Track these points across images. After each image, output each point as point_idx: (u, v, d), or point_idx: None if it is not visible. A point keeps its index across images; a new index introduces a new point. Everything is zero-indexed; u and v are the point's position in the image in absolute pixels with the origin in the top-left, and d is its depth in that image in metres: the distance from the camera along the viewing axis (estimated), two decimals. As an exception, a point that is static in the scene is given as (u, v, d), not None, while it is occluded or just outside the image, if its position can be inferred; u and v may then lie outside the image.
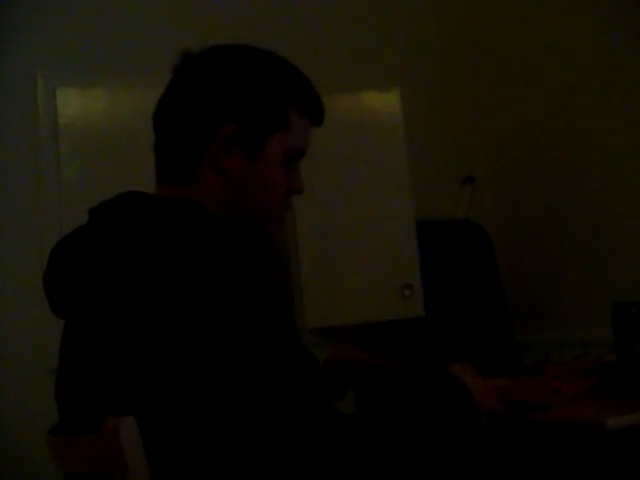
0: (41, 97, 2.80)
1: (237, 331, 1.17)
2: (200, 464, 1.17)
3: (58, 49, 2.85)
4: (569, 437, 1.63)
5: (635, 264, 2.93)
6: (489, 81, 3.59)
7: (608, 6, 3.05)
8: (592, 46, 3.12)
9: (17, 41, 2.79)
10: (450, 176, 3.53)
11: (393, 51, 3.42)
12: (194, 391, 1.17)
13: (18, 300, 2.70)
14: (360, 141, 3.10)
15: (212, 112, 1.37)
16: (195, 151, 1.38)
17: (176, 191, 1.39)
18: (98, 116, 2.88)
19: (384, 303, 3.10)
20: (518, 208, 3.53)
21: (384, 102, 3.13)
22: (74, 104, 2.84)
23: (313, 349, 1.66)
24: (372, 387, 1.90)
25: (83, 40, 2.88)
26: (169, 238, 1.25)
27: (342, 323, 3.11)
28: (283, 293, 1.24)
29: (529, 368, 2.10)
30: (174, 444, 1.17)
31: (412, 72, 3.44)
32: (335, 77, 3.17)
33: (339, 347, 1.90)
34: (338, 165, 3.06)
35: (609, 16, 3.06)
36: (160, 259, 1.23)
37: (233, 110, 1.38)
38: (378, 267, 3.11)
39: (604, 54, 3.07)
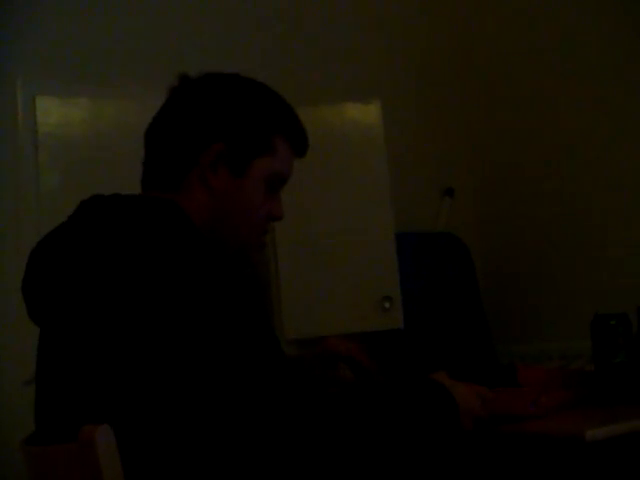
0: (21, 105, 2.77)
1: (208, 339, 1.18)
2: (175, 473, 1.17)
3: (38, 57, 2.83)
4: (547, 448, 1.63)
5: (614, 276, 2.95)
6: (470, 93, 3.60)
7: (589, 18, 3.07)
8: (574, 61, 3.14)
9: (-3, 48, 2.78)
10: (430, 188, 3.54)
11: (374, 63, 3.43)
12: (167, 399, 1.17)
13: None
14: (340, 152, 3.10)
15: (203, 130, 1.45)
16: (183, 165, 1.43)
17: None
18: (79, 125, 2.86)
19: (363, 315, 3.10)
20: (498, 221, 3.54)
21: (365, 114, 3.14)
22: (54, 113, 2.82)
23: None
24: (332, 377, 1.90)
25: (64, 48, 2.87)
26: (143, 243, 1.26)
27: (321, 335, 3.10)
28: (252, 291, 1.26)
29: (504, 366, 2.09)
30: (149, 452, 1.17)
31: (393, 84, 3.45)
32: (316, 88, 3.18)
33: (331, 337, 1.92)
34: (318, 176, 3.06)
35: (589, 30, 3.08)
36: (132, 264, 1.23)
37: (223, 130, 1.45)
38: (358, 279, 3.10)
39: (585, 68, 3.09)
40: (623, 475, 1.60)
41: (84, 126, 2.87)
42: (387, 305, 3.07)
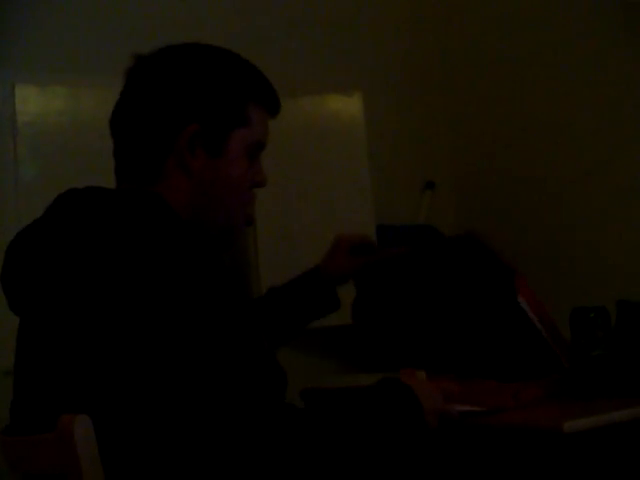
0: (-1, 94, 2.76)
1: (187, 333, 1.17)
2: (153, 463, 1.17)
3: (17, 46, 2.81)
4: (525, 441, 1.63)
5: (593, 270, 2.96)
6: (452, 87, 3.61)
7: (569, 16, 3.08)
8: (554, 58, 3.15)
9: (-26, 38, 2.75)
10: (411, 181, 3.54)
11: (356, 55, 3.42)
12: (144, 390, 1.16)
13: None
14: (321, 145, 3.09)
15: (174, 113, 1.40)
16: (159, 153, 1.39)
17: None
18: (58, 114, 2.84)
19: (343, 307, 3.09)
20: (478, 214, 3.55)
21: (346, 106, 3.13)
22: (33, 102, 2.80)
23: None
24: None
25: (43, 37, 2.85)
26: (121, 233, 1.25)
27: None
28: (225, 281, 1.24)
29: (504, 266, 2.06)
30: (127, 442, 1.17)
31: (375, 76, 3.44)
32: (297, 80, 3.17)
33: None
34: (299, 168, 3.06)
35: (570, 28, 3.09)
36: (108, 254, 1.22)
37: (194, 110, 1.40)
38: (338, 271, 3.09)
39: (566, 63, 3.10)
40: (601, 466, 1.61)
41: (64, 115, 2.85)
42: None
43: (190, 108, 1.39)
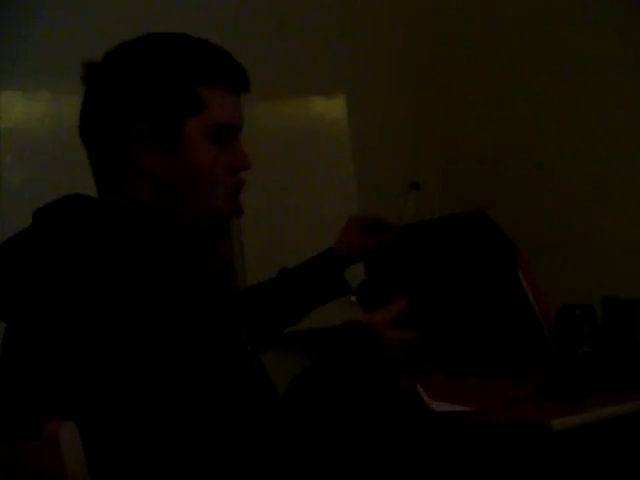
0: (-19, 100, 2.74)
1: (166, 335, 1.16)
2: (139, 471, 1.16)
3: (0, 51, 2.80)
4: (514, 438, 1.64)
5: (578, 269, 2.97)
6: (436, 87, 3.61)
7: (559, 17, 3.09)
8: (541, 57, 3.16)
9: (-44, 43, 2.74)
10: (396, 182, 3.54)
11: (339, 56, 3.42)
12: (128, 397, 1.16)
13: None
14: (305, 146, 3.08)
15: (121, 116, 1.36)
16: (117, 159, 1.37)
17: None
18: (43, 120, 2.82)
19: (330, 310, 3.08)
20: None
21: (329, 107, 3.13)
22: (17, 107, 2.79)
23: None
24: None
25: (26, 42, 2.83)
26: (105, 246, 1.24)
27: (287, 330, 3.09)
28: (211, 299, 1.23)
29: (507, 241, 2.08)
30: (113, 449, 1.16)
31: (358, 78, 3.44)
32: (279, 81, 3.16)
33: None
34: (282, 170, 3.05)
35: (558, 29, 3.10)
36: (91, 266, 1.21)
37: (140, 108, 1.36)
38: (324, 273, 3.09)
39: (552, 66, 3.11)
40: (589, 464, 1.62)
41: (49, 121, 2.83)
42: (354, 299, 3.06)
43: (135, 108, 1.35)
